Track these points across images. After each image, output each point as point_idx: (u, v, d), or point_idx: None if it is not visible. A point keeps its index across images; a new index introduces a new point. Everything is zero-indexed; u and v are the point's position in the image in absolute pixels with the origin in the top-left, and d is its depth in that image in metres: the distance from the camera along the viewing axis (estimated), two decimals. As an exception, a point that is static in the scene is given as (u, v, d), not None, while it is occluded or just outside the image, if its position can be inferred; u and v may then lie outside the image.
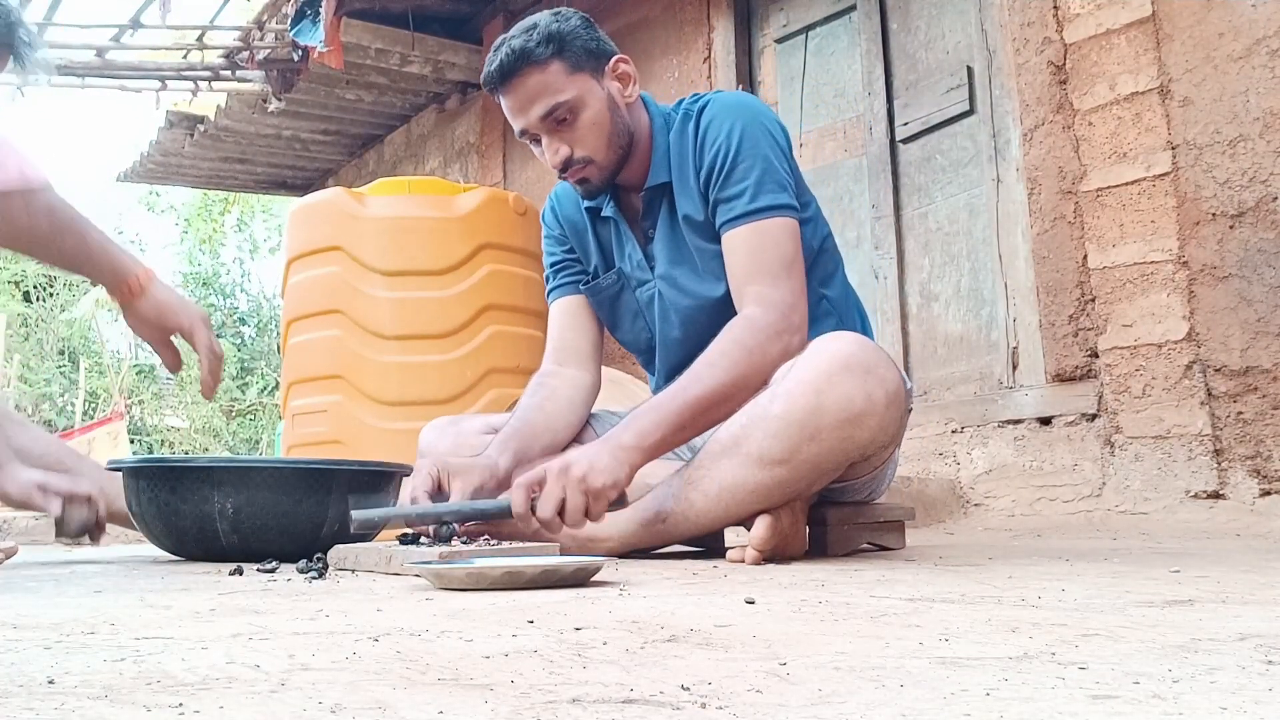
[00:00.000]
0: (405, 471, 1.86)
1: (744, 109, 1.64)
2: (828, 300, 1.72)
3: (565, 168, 1.63)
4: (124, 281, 1.72)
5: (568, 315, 1.84)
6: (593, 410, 1.85)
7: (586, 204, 1.79)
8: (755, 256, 1.57)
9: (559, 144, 1.61)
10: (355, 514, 1.46)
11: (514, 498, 1.38)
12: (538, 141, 1.65)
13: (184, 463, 1.75)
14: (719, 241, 1.63)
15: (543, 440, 1.70)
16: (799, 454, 1.40)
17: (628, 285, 1.78)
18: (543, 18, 1.62)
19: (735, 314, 1.59)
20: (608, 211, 1.76)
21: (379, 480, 1.83)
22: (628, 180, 1.70)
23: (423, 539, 1.45)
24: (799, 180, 1.69)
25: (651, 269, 1.73)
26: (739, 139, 1.60)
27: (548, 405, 1.74)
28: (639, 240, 1.74)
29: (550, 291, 1.88)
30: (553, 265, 1.86)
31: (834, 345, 1.42)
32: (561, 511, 1.36)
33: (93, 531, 1.67)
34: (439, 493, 1.51)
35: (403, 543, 1.45)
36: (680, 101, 1.74)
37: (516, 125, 1.64)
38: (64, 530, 1.63)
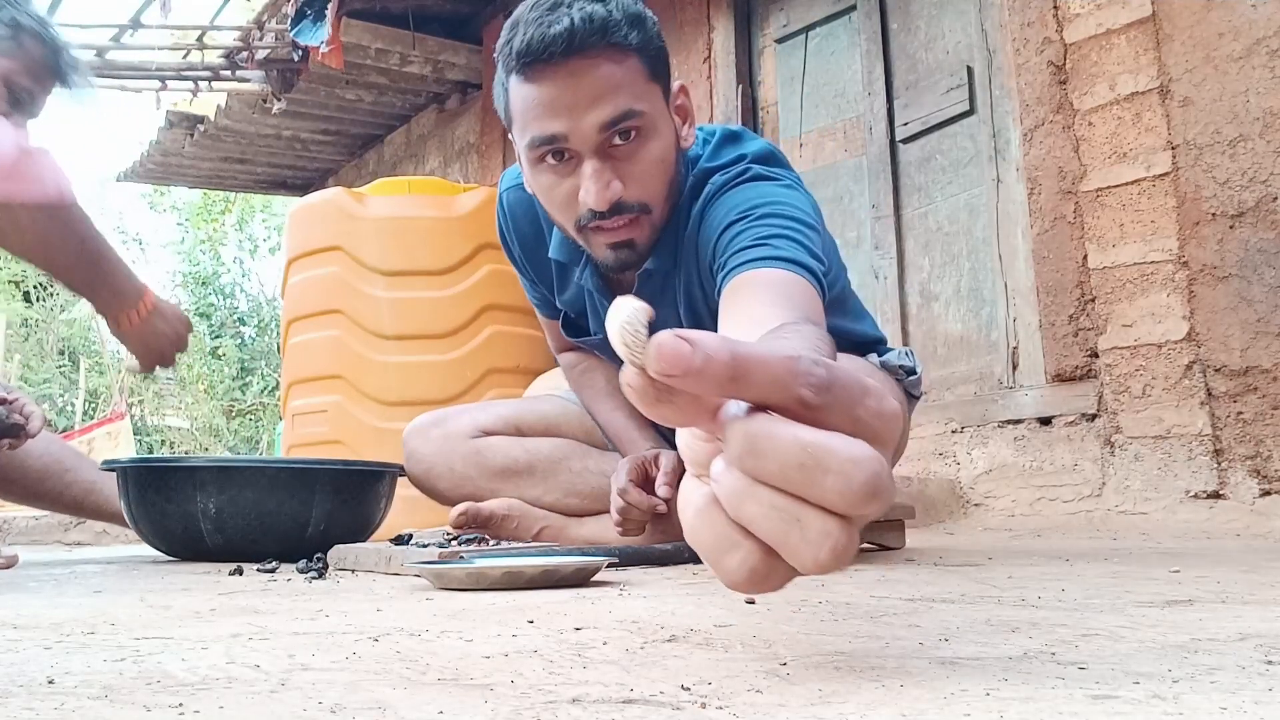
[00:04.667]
0: (395, 471, 1.84)
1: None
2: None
3: (613, 212, 1.18)
4: (123, 314, 1.68)
5: (559, 328, 1.76)
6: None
7: (554, 257, 1.41)
8: (784, 294, 1.05)
9: (611, 176, 1.16)
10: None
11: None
12: (561, 157, 1.17)
13: (168, 463, 1.76)
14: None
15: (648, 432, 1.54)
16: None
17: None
18: None
19: None
20: (584, 283, 1.40)
21: (364, 480, 1.82)
22: None
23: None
24: (834, 257, 1.39)
25: None
26: (769, 204, 1.21)
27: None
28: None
29: (535, 308, 1.71)
30: (528, 285, 1.64)
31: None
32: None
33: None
34: (647, 480, 1.38)
35: (400, 543, 1.45)
36: (713, 140, 1.32)
37: (552, 126, 1.15)
38: None
